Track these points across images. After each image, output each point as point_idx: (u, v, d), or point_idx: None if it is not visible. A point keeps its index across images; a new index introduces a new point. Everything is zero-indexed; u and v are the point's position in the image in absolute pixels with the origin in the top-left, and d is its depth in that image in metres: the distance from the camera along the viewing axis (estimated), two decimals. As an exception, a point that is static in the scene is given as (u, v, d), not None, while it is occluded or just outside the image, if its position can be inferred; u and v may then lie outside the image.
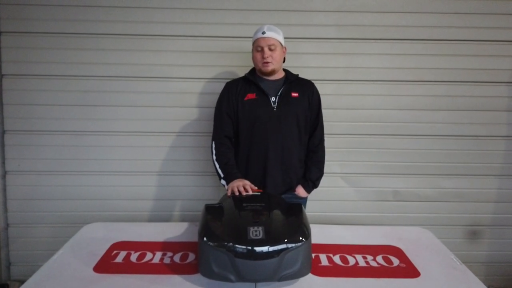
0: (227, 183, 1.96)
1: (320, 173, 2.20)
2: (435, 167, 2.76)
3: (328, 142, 2.67)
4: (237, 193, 1.83)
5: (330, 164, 2.74)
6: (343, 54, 2.66)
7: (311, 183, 2.16)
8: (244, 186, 1.85)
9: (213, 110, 2.19)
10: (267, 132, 2.04)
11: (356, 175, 2.78)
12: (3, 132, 2.65)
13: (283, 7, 2.61)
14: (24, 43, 2.58)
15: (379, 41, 2.65)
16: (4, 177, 2.70)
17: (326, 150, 2.70)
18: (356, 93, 2.69)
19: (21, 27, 2.57)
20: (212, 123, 2.18)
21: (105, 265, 1.55)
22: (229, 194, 1.87)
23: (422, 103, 2.70)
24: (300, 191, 2.15)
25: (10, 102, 2.63)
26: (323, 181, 2.74)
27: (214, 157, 2.09)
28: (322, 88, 2.64)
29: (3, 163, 2.68)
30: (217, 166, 2.06)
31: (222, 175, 2.03)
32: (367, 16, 2.62)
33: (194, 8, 2.60)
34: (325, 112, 2.66)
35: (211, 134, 2.16)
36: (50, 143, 2.67)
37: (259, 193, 1.83)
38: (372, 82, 2.68)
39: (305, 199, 2.21)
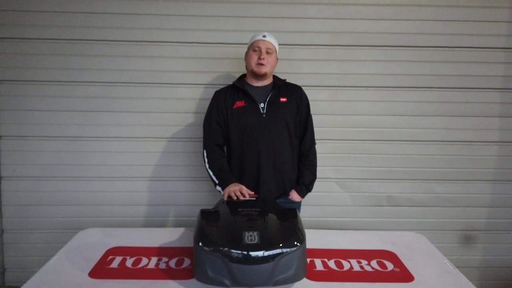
0: (223, 189, 1.98)
1: (313, 177, 2.21)
2: (429, 173, 2.78)
3: (322, 147, 2.69)
4: (234, 197, 1.85)
5: (325, 170, 2.75)
6: (337, 60, 2.69)
7: (305, 188, 2.17)
8: (240, 190, 1.88)
9: None
10: (257, 138, 2.06)
11: (350, 180, 2.79)
12: (-1, 137, 2.66)
13: (278, 14, 2.63)
14: (20, 49, 2.59)
15: (372, 47, 2.68)
16: (-1, 182, 2.70)
17: (321, 155, 2.71)
18: (350, 99, 2.72)
19: (17, 33, 2.57)
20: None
21: (100, 270, 1.55)
22: (225, 198, 1.89)
23: (416, 109, 2.73)
24: (294, 195, 2.16)
25: (6, 108, 2.63)
26: (318, 186, 2.75)
27: (207, 165, 2.11)
28: (316, 94, 2.67)
29: (-1, 168, 2.68)
30: (211, 173, 2.09)
31: (217, 182, 2.05)
32: (361, 23, 2.66)
33: (190, 15, 2.61)
34: (319, 118, 2.69)
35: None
36: (46, 149, 2.67)
37: (254, 198, 1.84)
38: (365, 88, 2.71)
39: (299, 203, 2.22)
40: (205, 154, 2.13)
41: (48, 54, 2.60)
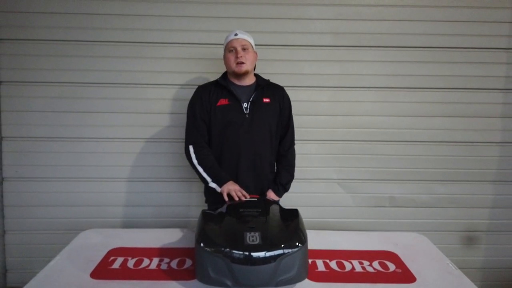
0: (219, 186, 1.96)
1: (290, 177, 2.21)
2: (431, 173, 2.78)
3: (324, 148, 2.70)
4: (235, 198, 1.85)
5: (326, 170, 2.76)
6: (339, 61, 2.69)
7: (282, 187, 2.16)
8: (240, 191, 1.88)
9: None
10: (239, 137, 2.05)
11: (352, 181, 2.79)
12: (1, 138, 2.65)
13: (280, 15, 2.63)
14: (22, 50, 2.59)
15: (374, 48, 2.68)
16: (1, 183, 2.69)
17: (322, 156, 2.72)
18: (352, 99, 2.71)
19: (19, 35, 2.58)
20: None
21: (102, 271, 1.56)
22: (225, 197, 1.88)
23: (417, 109, 2.73)
24: (271, 195, 2.14)
25: (8, 109, 2.64)
26: (320, 187, 2.77)
27: (195, 161, 2.05)
28: (318, 95, 2.68)
29: (1, 169, 2.68)
30: (201, 170, 2.04)
31: (209, 179, 2.00)
32: (362, 24, 2.65)
33: (191, 16, 2.62)
34: (321, 119, 2.70)
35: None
36: (47, 150, 2.67)
37: (256, 199, 1.84)
38: (367, 89, 2.71)
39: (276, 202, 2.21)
40: (191, 150, 2.08)
41: (49, 55, 2.60)
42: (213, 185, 2.00)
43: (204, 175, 2.03)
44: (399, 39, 2.67)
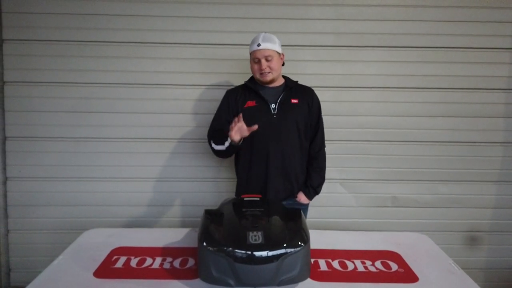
0: (229, 139, 1.95)
1: (321, 180, 2.22)
2: (433, 173, 2.78)
3: (327, 148, 2.69)
4: (236, 130, 1.87)
5: (329, 170, 2.72)
6: (341, 61, 2.69)
7: (313, 190, 2.18)
8: (235, 123, 1.88)
9: (211, 117, 2.22)
10: (267, 138, 2.06)
11: (354, 181, 2.79)
12: (5, 138, 2.67)
13: (282, 15, 2.64)
14: (26, 50, 2.61)
15: (376, 48, 2.68)
16: (5, 183, 2.71)
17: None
18: (354, 99, 2.72)
19: (23, 35, 2.60)
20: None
21: (105, 270, 1.56)
22: (234, 136, 1.89)
23: (420, 109, 2.73)
24: (302, 197, 2.16)
25: (12, 109, 2.65)
26: (323, 187, 2.76)
27: (213, 145, 2.08)
28: (320, 95, 2.65)
29: (4, 169, 2.69)
30: (218, 147, 2.05)
31: (223, 146, 2.01)
32: (364, 24, 2.66)
33: (193, 16, 2.63)
34: (323, 118, 2.69)
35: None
36: (51, 150, 2.68)
37: (258, 198, 1.84)
38: (369, 89, 2.71)
39: (306, 205, 2.21)
40: (212, 142, 2.10)
41: (53, 56, 2.62)
42: (227, 144, 1.98)
43: (219, 147, 2.04)
44: (401, 39, 2.67)
